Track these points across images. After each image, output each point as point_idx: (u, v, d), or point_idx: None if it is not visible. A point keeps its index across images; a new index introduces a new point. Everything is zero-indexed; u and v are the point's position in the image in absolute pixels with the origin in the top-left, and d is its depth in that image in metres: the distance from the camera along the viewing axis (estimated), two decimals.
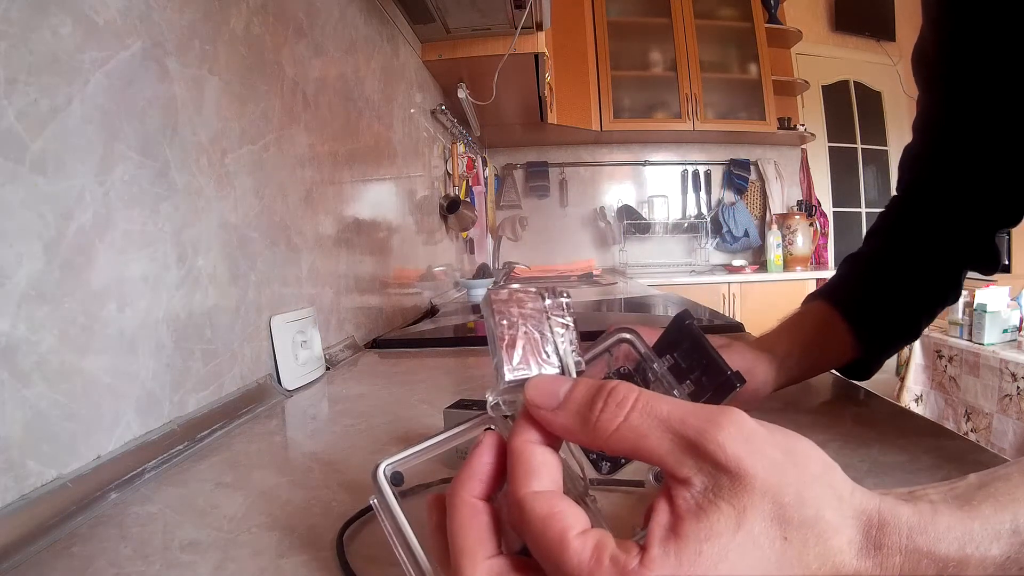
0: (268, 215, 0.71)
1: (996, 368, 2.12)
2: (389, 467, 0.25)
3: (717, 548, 0.20)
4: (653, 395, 0.22)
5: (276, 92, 0.74)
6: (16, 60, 0.38)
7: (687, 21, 3.11)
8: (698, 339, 0.31)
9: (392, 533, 0.24)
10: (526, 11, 1.37)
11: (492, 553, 0.22)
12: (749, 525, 0.20)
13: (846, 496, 0.22)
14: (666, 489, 0.21)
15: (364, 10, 1.12)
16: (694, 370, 0.30)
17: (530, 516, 0.21)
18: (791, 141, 3.48)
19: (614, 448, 0.22)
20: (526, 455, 0.23)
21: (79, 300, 0.42)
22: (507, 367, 0.25)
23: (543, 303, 0.27)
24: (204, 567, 0.32)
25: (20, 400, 0.37)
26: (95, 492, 0.41)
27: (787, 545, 0.20)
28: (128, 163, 0.48)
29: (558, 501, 0.22)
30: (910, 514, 0.22)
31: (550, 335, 0.26)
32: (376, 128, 1.17)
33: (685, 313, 0.32)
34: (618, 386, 0.22)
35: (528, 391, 0.24)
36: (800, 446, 0.22)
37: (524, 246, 3.07)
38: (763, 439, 0.21)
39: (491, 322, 0.26)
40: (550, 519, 0.21)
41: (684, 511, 0.21)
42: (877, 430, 0.48)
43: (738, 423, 0.21)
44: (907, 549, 0.21)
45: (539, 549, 0.21)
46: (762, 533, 0.20)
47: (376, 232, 1.16)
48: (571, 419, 0.23)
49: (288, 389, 0.70)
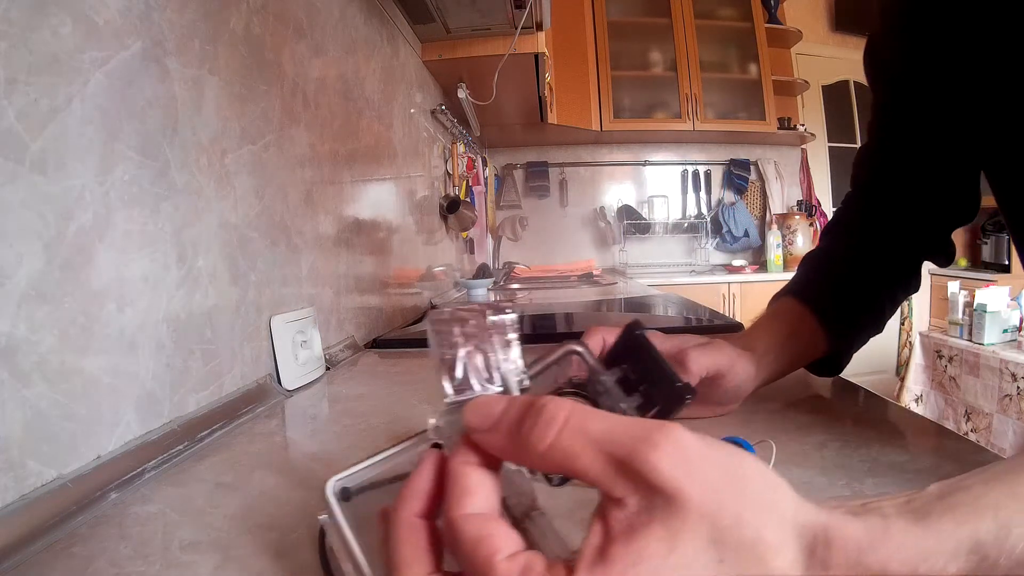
0: (268, 215, 0.71)
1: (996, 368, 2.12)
2: (338, 483, 0.25)
3: (646, 572, 0.19)
4: (585, 411, 0.21)
5: (276, 92, 0.74)
6: (16, 60, 0.38)
7: (687, 21, 3.11)
8: (648, 350, 0.30)
9: (338, 548, 0.24)
10: (526, 11, 1.37)
11: (429, 571, 0.22)
12: (682, 549, 0.19)
13: (788, 515, 0.21)
14: (601, 508, 0.21)
15: (364, 10, 1.12)
16: (643, 382, 0.29)
17: (461, 538, 0.21)
18: (791, 141, 3.48)
19: (548, 467, 0.22)
20: (462, 477, 0.23)
21: (79, 300, 0.42)
22: (448, 388, 0.25)
23: (486, 321, 0.26)
24: (204, 567, 0.32)
25: (20, 400, 0.37)
26: (95, 492, 0.41)
27: (722, 567, 0.19)
28: (128, 163, 0.48)
29: (489, 524, 0.21)
30: (859, 531, 0.21)
31: (493, 353, 0.26)
32: (376, 128, 1.17)
33: (635, 323, 0.31)
34: (548, 404, 0.22)
35: (466, 414, 0.23)
36: (742, 464, 0.21)
37: (524, 246, 3.07)
38: (701, 458, 0.20)
39: (433, 343, 0.25)
40: (479, 542, 0.21)
41: (616, 533, 0.20)
42: (877, 430, 0.48)
43: (674, 441, 0.20)
44: (856, 567, 0.20)
45: (468, 571, 0.21)
46: (696, 557, 0.19)
47: (376, 232, 1.16)
48: (503, 439, 0.22)
49: (288, 389, 0.70)
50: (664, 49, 3.14)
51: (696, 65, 3.10)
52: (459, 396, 0.25)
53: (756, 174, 3.55)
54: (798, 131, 3.31)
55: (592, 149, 3.46)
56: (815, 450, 0.44)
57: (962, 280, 2.89)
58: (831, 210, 3.69)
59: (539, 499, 0.25)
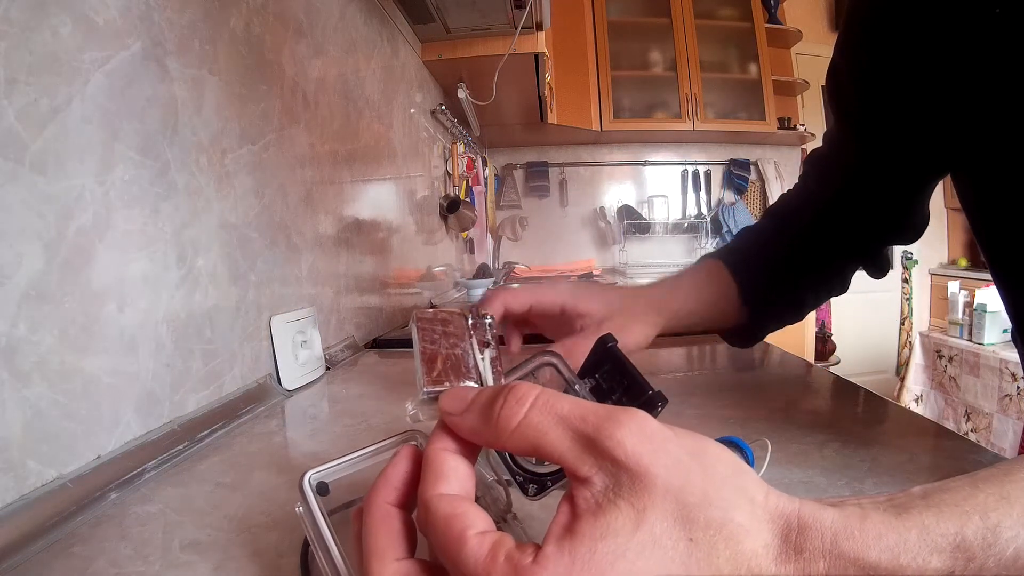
0: (268, 215, 0.71)
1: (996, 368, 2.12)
2: (315, 476, 0.26)
3: (612, 547, 0.19)
4: (555, 394, 0.22)
5: (276, 92, 0.74)
6: (16, 60, 0.38)
7: (687, 21, 3.11)
8: (620, 360, 0.31)
9: (314, 540, 0.25)
10: (526, 11, 1.37)
11: (402, 556, 0.22)
12: (649, 525, 0.19)
13: (759, 499, 0.21)
14: (569, 492, 0.21)
15: (364, 10, 1.12)
16: (616, 390, 0.31)
17: (434, 516, 0.21)
18: (791, 141, 3.47)
19: (516, 446, 0.22)
20: (438, 461, 0.23)
21: (79, 300, 0.42)
22: (425, 380, 0.26)
23: (466, 322, 0.28)
24: (204, 567, 0.32)
25: (20, 400, 0.37)
26: (95, 492, 0.41)
27: (693, 547, 0.19)
28: (128, 163, 0.48)
29: (463, 503, 0.22)
30: (835, 518, 0.20)
31: (471, 353, 0.27)
32: (376, 128, 1.17)
33: (608, 336, 0.32)
34: (519, 386, 0.22)
35: (441, 400, 0.24)
36: (709, 448, 0.21)
37: (524, 246, 3.07)
38: (665, 439, 0.21)
39: (415, 338, 0.27)
40: (452, 519, 0.21)
41: (583, 510, 0.20)
42: (877, 430, 0.48)
43: (639, 421, 0.21)
44: (831, 554, 0.20)
45: (440, 548, 0.21)
46: (664, 533, 0.19)
47: (376, 232, 1.16)
48: (475, 419, 0.23)
49: (288, 389, 0.70)
50: (664, 49, 3.13)
51: (696, 65, 3.10)
52: (435, 387, 0.26)
53: (756, 174, 3.54)
54: (798, 131, 3.30)
55: (592, 149, 3.46)
56: (815, 450, 0.44)
57: (962, 280, 2.89)
58: None
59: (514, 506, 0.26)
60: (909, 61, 0.44)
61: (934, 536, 0.20)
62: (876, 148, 0.52)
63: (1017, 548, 0.20)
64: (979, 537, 0.20)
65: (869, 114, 0.50)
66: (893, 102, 0.47)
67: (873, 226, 0.58)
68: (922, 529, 0.20)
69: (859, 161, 0.54)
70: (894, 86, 0.46)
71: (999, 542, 0.20)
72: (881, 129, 0.50)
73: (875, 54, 0.47)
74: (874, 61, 0.47)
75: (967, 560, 0.20)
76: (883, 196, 0.55)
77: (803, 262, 0.60)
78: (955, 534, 0.20)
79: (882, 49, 0.46)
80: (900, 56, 0.45)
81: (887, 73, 0.47)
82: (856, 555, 0.20)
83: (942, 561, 0.20)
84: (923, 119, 0.46)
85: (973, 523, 0.20)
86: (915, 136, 0.48)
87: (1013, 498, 0.21)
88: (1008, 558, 0.20)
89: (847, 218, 0.57)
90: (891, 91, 0.47)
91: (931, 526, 0.20)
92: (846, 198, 0.56)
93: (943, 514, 0.20)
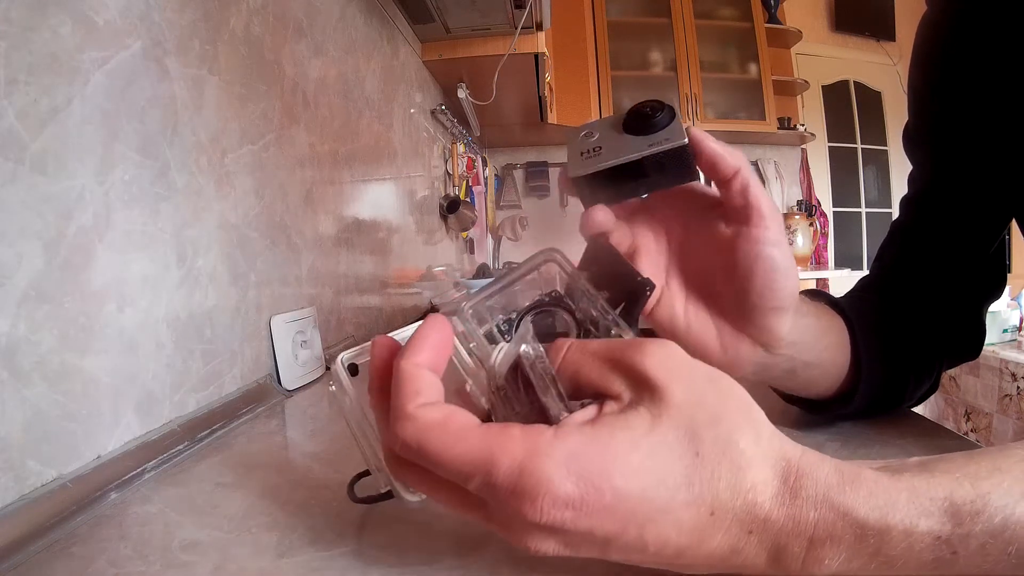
0: (268, 215, 0.71)
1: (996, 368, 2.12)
2: (347, 356, 0.32)
3: (631, 437, 0.21)
4: (586, 340, 0.25)
5: (276, 92, 0.74)
6: (16, 60, 0.38)
7: (687, 21, 3.11)
8: (611, 252, 0.34)
9: (347, 412, 0.30)
10: (526, 11, 1.37)
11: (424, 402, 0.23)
12: (663, 430, 0.21)
13: (765, 435, 0.22)
14: (599, 403, 0.23)
15: (364, 10, 1.12)
16: (610, 281, 0.33)
17: (427, 418, 0.22)
18: (791, 141, 3.48)
19: (561, 382, 0.24)
20: (414, 375, 0.24)
21: (79, 300, 0.42)
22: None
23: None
24: (204, 567, 0.32)
25: (20, 400, 0.37)
26: (95, 492, 0.41)
27: (699, 462, 0.21)
28: (128, 163, 0.48)
29: (452, 408, 0.23)
30: (830, 471, 0.22)
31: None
32: (376, 128, 1.17)
33: (600, 234, 0.35)
34: (556, 340, 0.25)
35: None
36: (725, 380, 0.23)
37: (524, 246, 3.06)
38: (687, 365, 0.23)
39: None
40: (452, 415, 0.22)
41: (606, 413, 0.22)
42: (877, 430, 0.48)
43: (665, 348, 0.23)
44: (823, 505, 0.21)
45: (444, 448, 0.22)
46: (676, 441, 0.21)
47: (376, 232, 1.16)
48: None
49: (288, 389, 0.70)
50: (664, 49, 3.14)
51: (696, 65, 3.10)
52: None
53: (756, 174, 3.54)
54: (798, 131, 3.31)
55: None
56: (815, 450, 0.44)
57: None
58: (831, 210, 3.69)
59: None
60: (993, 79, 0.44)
61: (923, 499, 0.21)
62: (963, 192, 0.48)
63: (1005, 518, 0.20)
64: (968, 503, 0.20)
65: (954, 143, 0.48)
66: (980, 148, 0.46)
67: (970, 286, 0.50)
68: (912, 491, 0.21)
69: (949, 212, 0.49)
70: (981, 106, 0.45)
71: (988, 509, 0.20)
72: (967, 153, 0.47)
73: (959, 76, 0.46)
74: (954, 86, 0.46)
75: (955, 525, 0.20)
76: (976, 245, 0.49)
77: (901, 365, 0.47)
78: (944, 499, 0.20)
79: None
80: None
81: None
82: (846, 509, 0.20)
83: (930, 524, 0.20)
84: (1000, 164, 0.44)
85: (963, 489, 0.21)
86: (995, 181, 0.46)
87: (1005, 469, 0.21)
88: (996, 526, 0.20)
89: (942, 288, 0.49)
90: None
91: (921, 489, 0.21)
92: (940, 263, 0.49)
93: (935, 479, 0.21)
